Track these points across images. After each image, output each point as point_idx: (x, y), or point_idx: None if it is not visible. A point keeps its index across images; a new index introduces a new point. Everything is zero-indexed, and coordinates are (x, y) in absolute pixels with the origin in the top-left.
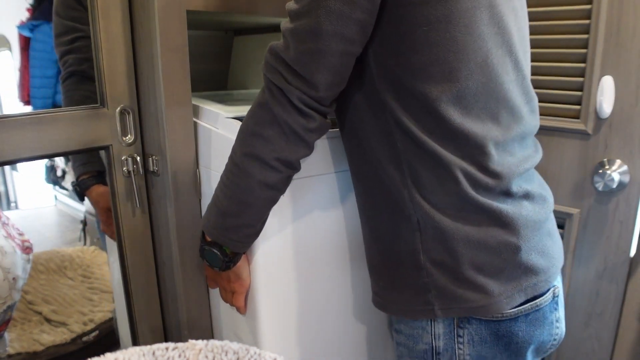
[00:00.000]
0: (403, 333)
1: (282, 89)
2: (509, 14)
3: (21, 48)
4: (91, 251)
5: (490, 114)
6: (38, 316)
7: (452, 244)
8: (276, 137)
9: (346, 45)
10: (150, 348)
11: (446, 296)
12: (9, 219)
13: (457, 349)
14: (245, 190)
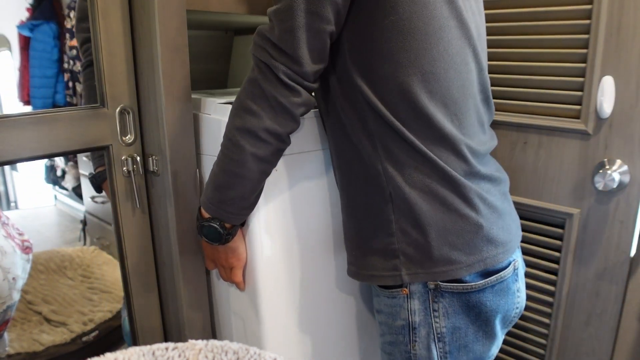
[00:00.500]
0: (383, 312)
1: (269, 65)
2: (467, 11)
3: (21, 48)
4: (91, 251)
5: (452, 99)
6: (38, 316)
7: (419, 216)
8: (265, 110)
9: (322, 23)
10: (150, 348)
11: (412, 262)
12: (8, 218)
13: (433, 323)
14: (238, 162)
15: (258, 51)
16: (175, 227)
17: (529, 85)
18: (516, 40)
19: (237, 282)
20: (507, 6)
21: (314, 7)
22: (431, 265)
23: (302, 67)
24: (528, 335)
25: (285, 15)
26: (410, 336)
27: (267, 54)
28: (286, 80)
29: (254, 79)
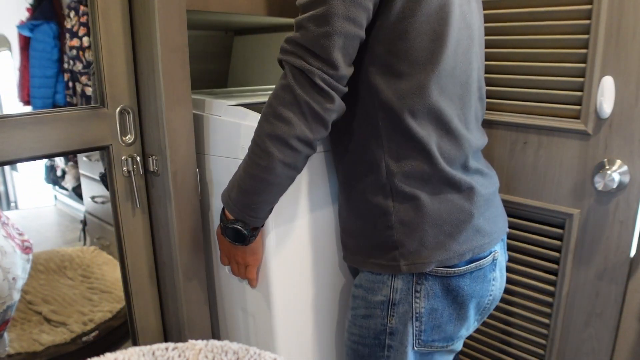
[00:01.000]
0: (362, 287)
1: (303, 71)
2: (471, 13)
3: (21, 48)
4: (91, 251)
5: (458, 96)
6: (38, 316)
7: (417, 208)
8: (296, 117)
9: (356, 29)
10: (150, 348)
11: (410, 253)
12: (8, 218)
13: (413, 303)
14: (266, 169)
15: (290, 57)
16: (175, 227)
17: (529, 85)
18: (516, 40)
19: (250, 279)
20: (507, 6)
21: (351, 14)
22: (428, 255)
23: (338, 71)
24: (528, 335)
25: (321, 21)
26: (389, 311)
27: (301, 60)
28: (322, 84)
29: (286, 85)
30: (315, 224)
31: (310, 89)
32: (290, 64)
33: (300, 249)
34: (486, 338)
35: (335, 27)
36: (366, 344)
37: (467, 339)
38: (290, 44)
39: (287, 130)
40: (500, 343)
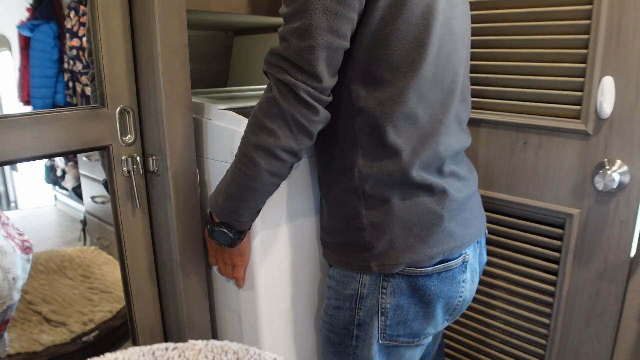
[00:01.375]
0: (335, 279)
1: (288, 84)
2: (456, 17)
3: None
4: (91, 251)
5: (438, 101)
6: (38, 316)
7: (389, 211)
8: (282, 129)
9: (340, 40)
10: (150, 348)
11: (381, 255)
12: (8, 218)
13: (380, 298)
14: (252, 177)
15: (275, 70)
16: (175, 227)
17: (529, 86)
18: (516, 41)
19: (237, 279)
20: (508, 6)
21: (334, 26)
22: (397, 257)
23: (322, 83)
24: (528, 335)
25: (305, 34)
26: (357, 304)
27: (285, 73)
28: (307, 98)
29: (272, 98)
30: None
31: (295, 102)
32: (275, 77)
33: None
34: (486, 338)
35: (318, 40)
36: (337, 332)
37: (467, 339)
38: (275, 57)
39: (273, 142)
40: (500, 343)
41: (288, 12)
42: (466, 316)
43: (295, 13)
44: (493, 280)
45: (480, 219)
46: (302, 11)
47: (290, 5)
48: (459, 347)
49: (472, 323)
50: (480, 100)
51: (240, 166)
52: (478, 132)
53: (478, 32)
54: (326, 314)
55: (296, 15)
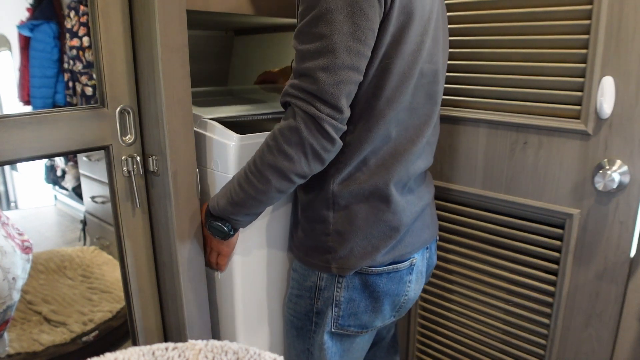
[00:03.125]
0: (297, 271)
1: (314, 117)
2: (437, 54)
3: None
4: (91, 251)
5: (414, 126)
6: (38, 316)
7: (354, 222)
8: (299, 156)
9: (358, 76)
10: (150, 348)
11: (341, 259)
12: (8, 218)
13: (335, 291)
14: (261, 191)
15: (301, 103)
16: (175, 227)
17: (529, 86)
18: (516, 41)
19: (220, 265)
20: (508, 6)
21: (355, 63)
22: (355, 262)
23: (343, 114)
24: (528, 335)
25: (331, 71)
26: (316, 294)
27: (311, 106)
28: (329, 129)
29: (294, 127)
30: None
31: (317, 133)
32: (300, 109)
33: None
34: (486, 338)
35: (343, 77)
36: (299, 317)
37: (467, 339)
38: (300, 91)
39: (289, 166)
40: (500, 343)
41: (310, 49)
42: (466, 316)
43: (320, 51)
44: (493, 280)
45: (432, 227)
46: (328, 51)
47: (313, 43)
48: (459, 347)
49: (472, 323)
50: (481, 100)
51: (252, 178)
52: (478, 132)
53: (478, 32)
54: (290, 301)
55: (322, 53)
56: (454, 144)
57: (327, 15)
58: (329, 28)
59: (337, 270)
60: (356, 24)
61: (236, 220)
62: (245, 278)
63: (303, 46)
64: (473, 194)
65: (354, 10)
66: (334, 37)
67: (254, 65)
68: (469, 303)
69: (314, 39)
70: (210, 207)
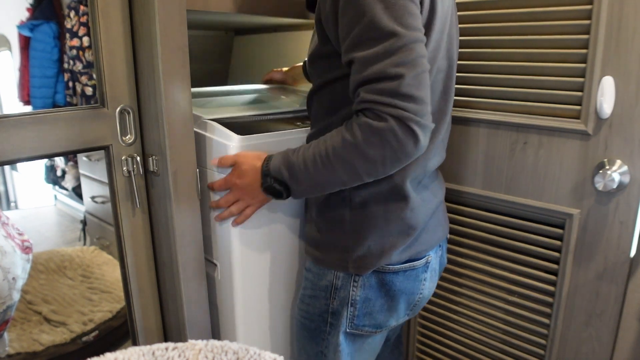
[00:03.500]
0: (312, 271)
1: (401, 118)
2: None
3: (21, 48)
4: (91, 251)
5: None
6: (38, 316)
7: (371, 222)
8: (379, 160)
9: (427, 62)
10: (150, 348)
11: (359, 258)
12: (8, 218)
13: (351, 290)
14: (328, 182)
15: (384, 108)
16: (175, 227)
17: (529, 85)
18: (516, 41)
19: (246, 216)
20: (508, 6)
21: (423, 51)
22: (372, 261)
23: (427, 106)
24: (528, 335)
25: (407, 64)
26: (331, 294)
27: (397, 109)
28: (418, 131)
29: (380, 130)
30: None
31: (404, 137)
32: (385, 113)
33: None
34: (486, 338)
35: (419, 65)
36: (313, 319)
37: (467, 339)
38: (380, 94)
39: (365, 168)
40: (500, 343)
41: (377, 52)
42: (466, 316)
43: (388, 50)
44: (493, 280)
45: (445, 224)
46: (397, 46)
47: (377, 45)
48: (459, 347)
49: (472, 323)
50: (481, 100)
51: (320, 164)
52: (478, 132)
53: (478, 32)
54: (302, 302)
55: (390, 51)
56: (454, 143)
57: (375, 18)
58: (387, 27)
59: (355, 270)
60: (408, 13)
61: (296, 192)
62: (245, 278)
63: (366, 52)
64: (473, 194)
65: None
66: (398, 32)
67: (254, 65)
68: (469, 303)
69: (376, 41)
70: (272, 169)
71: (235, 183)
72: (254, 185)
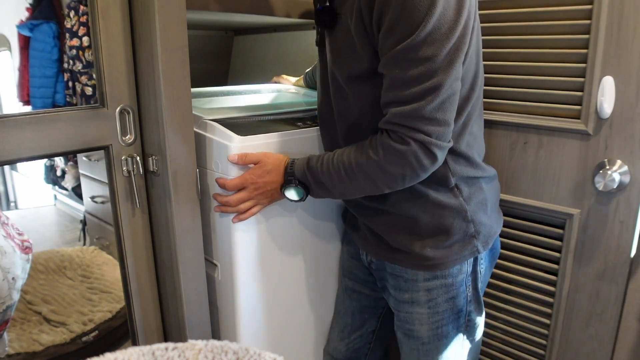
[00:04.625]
0: (439, 278)
1: (423, 143)
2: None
3: (21, 48)
4: (91, 251)
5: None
6: (37, 316)
7: (482, 198)
8: (398, 175)
9: (459, 84)
10: (150, 348)
11: (484, 235)
12: (8, 218)
13: (478, 267)
14: (347, 187)
15: (408, 132)
16: (175, 227)
17: (529, 85)
18: (516, 40)
19: (251, 213)
20: (507, 6)
21: (458, 75)
22: (493, 230)
23: (450, 126)
24: (528, 335)
25: (438, 93)
26: (466, 284)
27: (420, 133)
28: (438, 153)
29: (402, 152)
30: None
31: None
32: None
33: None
34: (486, 338)
35: (449, 93)
36: (448, 322)
37: None
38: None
39: (385, 182)
40: (500, 343)
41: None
42: None
43: (425, 74)
44: (493, 280)
45: None
46: (434, 72)
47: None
48: None
49: None
50: None
51: (342, 174)
52: None
53: None
54: (434, 314)
55: (427, 76)
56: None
57: (430, 36)
58: (433, 50)
59: (484, 247)
60: (459, 40)
61: (315, 193)
62: (245, 278)
63: (404, 71)
64: None
65: (456, 27)
66: (439, 58)
67: (254, 65)
68: None
69: (417, 63)
70: (296, 171)
71: (256, 182)
72: (274, 185)
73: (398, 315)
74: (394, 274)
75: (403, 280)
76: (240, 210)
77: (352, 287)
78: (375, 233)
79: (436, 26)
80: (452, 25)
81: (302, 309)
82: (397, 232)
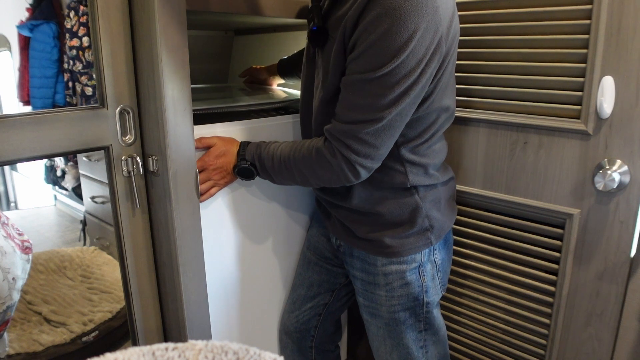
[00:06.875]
0: (395, 263)
1: (350, 161)
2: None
3: (21, 48)
4: (91, 251)
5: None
6: (37, 316)
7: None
8: (324, 178)
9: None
10: (150, 348)
11: (438, 229)
12: (8, 219)
13: (434, 258)
14: (284, 177)
15: (339, 147)
16: (175, 227)
17: (529, 85)
18: (516, 40)
19: (210, 193)
20: (507, 6)
21: (404, 120)
22: (447, 225)
23: (382, 155)
24: (528, 335)
25: (376, 133)
26: (420, 273)
27: (350, 151)
28: (362, 172)
29: (330, 163)
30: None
31: (349, 173)
32: (339, 152)
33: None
34: (486, 338)
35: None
36: (406, 308)
37: (468, 339)
38: (342, 136)
39: (315, 180)
40: (500, 343)
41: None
42: (466, 316)
43: (369, 108)
44: (493, 280)
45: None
46: (379, 112)
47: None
48: (459, 347)
49: (473, 323)
50: (481, 100)
51: (282, 167)
52: (478, 132)
53: (478, 32)
54: (391, 297)
55: (370, 111)
56: (454, 143)
57: (385, 78)
58: (384, 90)
59: (436, 239)
60: (411, 86)
61: (261, 174)
62: (245, 278)
63: (354, 97)
64: (473, 194)
65: (412, 74)
66: (387, 98)
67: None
68: (469, 303)
69: (367, 95)
70: (247, 153)
71: (213, 162)
72: (228, 165)
73: (364, 296)
74: (360, 258)
75: (367, 263)
76: (202, 191)
77: (315, 261)
78: (343, 223)
79: (395, 71)
80: (409, 73)
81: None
82: (362, 224)
